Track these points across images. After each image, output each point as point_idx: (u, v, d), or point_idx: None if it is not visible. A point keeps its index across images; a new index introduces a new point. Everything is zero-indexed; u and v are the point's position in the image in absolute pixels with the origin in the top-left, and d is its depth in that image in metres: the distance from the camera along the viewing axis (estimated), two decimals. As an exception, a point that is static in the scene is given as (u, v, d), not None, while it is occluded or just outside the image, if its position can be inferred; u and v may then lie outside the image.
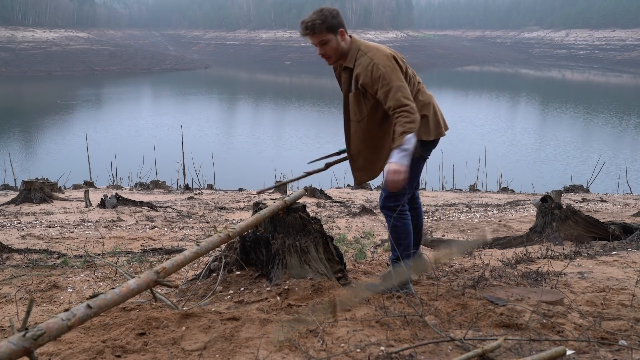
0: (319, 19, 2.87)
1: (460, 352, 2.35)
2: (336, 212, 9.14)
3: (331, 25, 2.89)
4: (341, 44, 2.94)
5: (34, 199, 10.52)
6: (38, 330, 1.61)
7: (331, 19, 2.89)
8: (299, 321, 2.56)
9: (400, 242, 3.14)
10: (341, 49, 2.95)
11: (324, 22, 2.87)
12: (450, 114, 40.01)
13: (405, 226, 3.13)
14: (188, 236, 6.79)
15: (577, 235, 5.23)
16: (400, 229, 3.13)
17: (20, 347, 1.57)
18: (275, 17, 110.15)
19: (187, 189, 15.36)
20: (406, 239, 3.15)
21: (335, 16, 2.91)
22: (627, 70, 78.68)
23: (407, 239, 3.15)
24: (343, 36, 2.95)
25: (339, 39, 2.93)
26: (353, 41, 2.99)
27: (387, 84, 2.81)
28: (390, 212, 3.09)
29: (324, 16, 2.88)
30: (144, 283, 2.11)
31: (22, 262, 4.85)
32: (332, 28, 2.90)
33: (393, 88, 2.80)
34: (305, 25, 2.91)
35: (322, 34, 2.90)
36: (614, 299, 3.07)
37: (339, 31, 2.93)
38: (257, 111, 46.76)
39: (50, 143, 30.85)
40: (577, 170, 21.98)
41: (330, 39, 2.91)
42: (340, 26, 2.92)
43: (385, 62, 2.84)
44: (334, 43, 2.92)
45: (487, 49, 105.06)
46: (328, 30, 2.90)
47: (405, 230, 3.13)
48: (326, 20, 2.88)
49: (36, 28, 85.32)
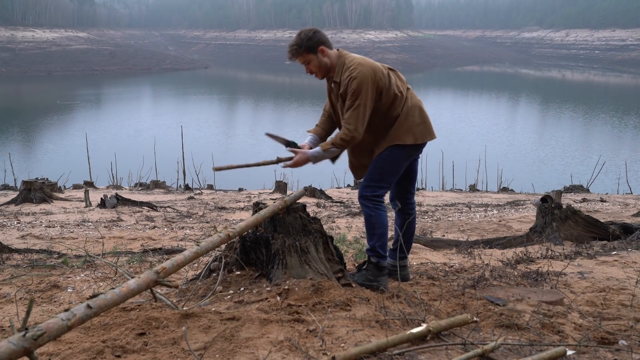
0: (296, 44, 3.16)
1: (460, 352, 2.35)
2: (336, 212, 9.14)
3: (309, 47, 3.15)
4: (323, 60, 3.19)
5: (34, 199, 10.52)
6: (38, 330, 1.61)
7: (307, 41, 3.14)
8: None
9: (375, 232, 3.27)
10: (324, 64, 3.20)
11: (301, 46, 3.15)
12: (451, 114, 40.24)
13: (380, 216, 3.26)
14: (188, 236, 6.79)
15: (577, 235, 5.24)
16: (375, 219, 3.26)
17: (20, 347, 1.57)
18: (275, 17, 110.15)
19: (187, 189, 15.36)
20: (380, 229, 3.27)
21: (312, 37, 3.15)
22: (627, 70, 78.67)
23: (380, 229, 3.27)
24: (324, 52, 3.18)
25: (319, 56, 3.18)
26: (340, 55, 3.20)
27: (354, 100, 3.07)
28: (366, 201, 3.25)
29: (301, 40, 3.15)
30: (144, 283, 2.11)
31: (22, 262, 4.85)
32: (310, 49, 3.15)
33: (354, 106, 3.08)
34: (288, 51, 3.21)
35: (302, 56, 3.18)
36: (614, 299, 3.07)
37: (319, 49, 3.17)
38: (257, 111, 46.75)
39: (50, 143, 30.85)
40: (577, 170, 21.97)
41: (312, 59, 3.18)
42: (318, 45, 3.16)
43: (360, 80, 3.05)
44: (316, 61, 3.18)
45: (487, 49, 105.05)
46: (307, 51, 3.16)
47: (379, 221, 3.26)
48: (303, 43, 3.14)
49: (36, 28, 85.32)
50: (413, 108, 3.23)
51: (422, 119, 3.25)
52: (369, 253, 3.34)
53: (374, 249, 3.30)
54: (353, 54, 3.22)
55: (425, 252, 5.22)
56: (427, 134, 3.27)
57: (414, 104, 3.25)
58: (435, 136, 3.34)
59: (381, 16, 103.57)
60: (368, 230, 3.32)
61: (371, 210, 3.24)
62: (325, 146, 3.15)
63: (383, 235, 3.29)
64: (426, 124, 3.27)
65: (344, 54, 3.21)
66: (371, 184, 3.24)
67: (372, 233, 3.29)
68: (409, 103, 3.23)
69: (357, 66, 3.08)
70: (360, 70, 3.06)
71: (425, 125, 3.26)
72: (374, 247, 3.30)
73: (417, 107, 3.25)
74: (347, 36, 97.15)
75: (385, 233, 3.31)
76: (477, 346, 2.31)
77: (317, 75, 3.25)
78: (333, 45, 3.23)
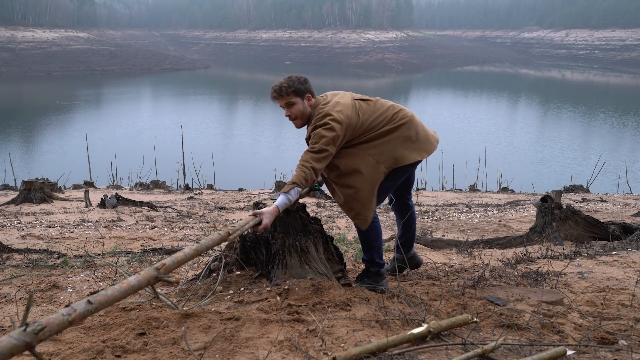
0: (286, 83, 3.08)
1: (460, 352, 2.35)
2: (336, 212, 9.14)
3: (297, 90, 3.08)
4: (307, 108, 3.12)
5: (34, 199, 10.52)
6: (38, 325, 1.61)
7: (298, 84, 3.08)
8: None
9: (372, 244, 3.30)
10: (308, 112, 3.13)
11: (290, 86, 3.07)
12: (451, 114, 40.22)
13: (375, 229, 3.28)
14: (188, 236, 6.79)
15: (577, 235, 5.24)
16: (371, 233, 3.27)
17: (22, 342, 1.57)
18: (275, 17, 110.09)
19: (187, 189, 15.36)
20: (376, 241, 3.31)
21: (303, 82, 3.10)
22: (627, 70, 78.62)
23: (377, 241, 3.31)
24: (310, 101, 3.13)
25: (305, 103, 3.12)
26: (318, 101, 3.15)
27: (317, 141, 2.97)
28: None
29: (292, 82, 3.09)
30: (144, 279, 2.11)
31: (22, 262, 4.85)
32: (298, 92, 3.09)
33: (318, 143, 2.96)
34: (273, 89, 3.12)
35: (288, 97, 3.08)
36: (614, 299, 3.07)
37: (306, 96, 3.12)
38: (257, 111, 46.74)
39: (50, 143, 30.84)
40: (577, 171, 21.98)
41: (297, 102, 3.10)
42: (307, 92, 3.11)
43: (323, 126, 2.98)
44: (301, 106, 3.11)
45: (487, 49, 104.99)
46: (295, 94, 3.09)
47: (375, 234, 3.29)
48: (293, 84, 3.08)
49: (36, 28, 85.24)
50: (405, 129, 3.17)
51: (417, 138, 3.20)
52: (367, 264, 3.36)
53: (373, 260, 3.32)
54: (329, 101, 3.13)
55: (425, 252, 5.22)
56: (424, 152, 3.22)
57: (404, 124, 3.18)
58: (435, 148, 3.31)
59: (381, 16, 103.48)
60: (364, 244, 3.33)
61: (368, 227, 3.22)
62: (287, 188, 2.92)
63: (380, 245, 3.33)
64: (420, 142, 3.22)
65: (320, 100, 3.16)
66: None
67: (370, 246, 3.31)
68: (401, 126, 3.16)
69: (321, 112, 3.04)
70: (321, 117, 3.02)
71: (420, 143, 3.21)
72: (373, 258, 3.32)
73: (411, 127, 3.19)
74: (347, 36, 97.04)
75: (381, 242, 3.36)
76: (477, 346, 2.31)
77: (297, 122, 3.16)
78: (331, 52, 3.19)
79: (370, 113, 3.14)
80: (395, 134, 3.15)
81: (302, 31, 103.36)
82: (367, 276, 3.36)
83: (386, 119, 3.16)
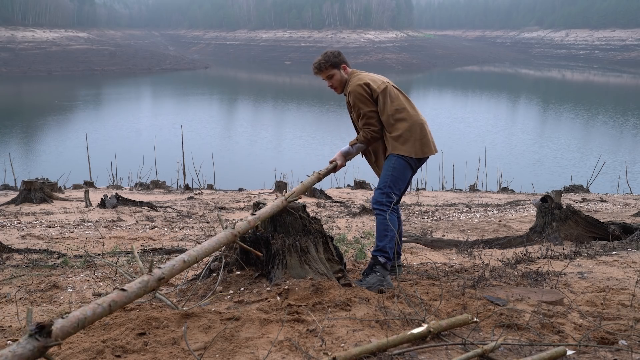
0: (323, 59, 3.69)
1: (460, 352, 2.35)
2: (336, 212, 9.14)
3: (334, 63, 3.68)
4: (344, 76, 3.72)
5: (34, 199, 10.51)
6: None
7: (333, 58, 3.69)
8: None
9: (387, 233, 3.52)
10: (345, 80, 3.72)
11: (327, 61, 3.68)
12: (451, 114, 40.19)
13: (393, 220, 3.57)
14: (188, 236, 6.79)
15: (577, 235, 5.24)
16: (389, 222, 3.54)
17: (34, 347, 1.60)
18: (275, 17, 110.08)
19: (187, 189, 15.35)
20: (392, 232, 3.53)
21: (337, 55, 3.71)
22: (627, 70, 78.61)
23: (392, 232, 3.53)
24: (345, 70, 3.72)
25: (342, 72, 3.71)
26: (350, 73, 3.73)
27: (357, 109, 3.62)
28: (382, 206, 3.55)
29: (327, 57, 3.69)
30: (146, 284, 2.11)
31: (22, 262, 4.85)
32: (335, 65, 3.69)
33: (360, 115, 3.62)
34: (314, 66, 3.72)
35: (327, 70, 3.69)
36: (614, 299, 3.07)
37: (342, 66, 3.71)
38: (257, 111, 46.73)
39: (50, 144, 30.84)
40: (577, 171, 21.96)
41: (335, 73, 3.70)
42: (342, 63, 3.71)
43: (355, 93, 3.58)
44: (338, 76, 3.71)
45: (487, 49, 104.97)
46: (332, 67, 3.69)
47: (393, 224, 3.56)
48: (330, 59, 3.68)
49: (36, 28, 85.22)
50: (415, 125, 3.58)
51: (423, 135, 3.59)
52: (377, 254, 3.47)
53: (384, 249, 3.47)
54: (361, 73, 3.70)
55: (425, 252, 5.22)
56: (427, 150, 3.61)
57: (415, 121, 3.58)
58: (436, 151, 3.69)
59: (381, 16, 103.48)
60: (380, 232, 3.53)
61: (387, 214, 3.50)
62: (352, 142, 3.69)
63: (393, 237, 3.51)
64: (425, 140, 3.60)
65: (353, 72, 3.72)
66: (385, 190, 3.56)
67: (385, 235, 3.50)
68: (412, 120, 3.58)
69: (352, 82, 3.63)
70: (353, 86, 3.59)
71: (424, 141, 3.59)
72: (385, 247, 3.48)
73: (419, 124, 3.59)
74: (347, 36, 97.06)
75: (394, 236, 3.52)
76: (477, 346, 2.31)
77: (337, 89, 3.73)
78: (336, 48, 3.49)
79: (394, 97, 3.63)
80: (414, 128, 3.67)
81: (302, 31, 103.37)
82: (374, 270, 3.42)
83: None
